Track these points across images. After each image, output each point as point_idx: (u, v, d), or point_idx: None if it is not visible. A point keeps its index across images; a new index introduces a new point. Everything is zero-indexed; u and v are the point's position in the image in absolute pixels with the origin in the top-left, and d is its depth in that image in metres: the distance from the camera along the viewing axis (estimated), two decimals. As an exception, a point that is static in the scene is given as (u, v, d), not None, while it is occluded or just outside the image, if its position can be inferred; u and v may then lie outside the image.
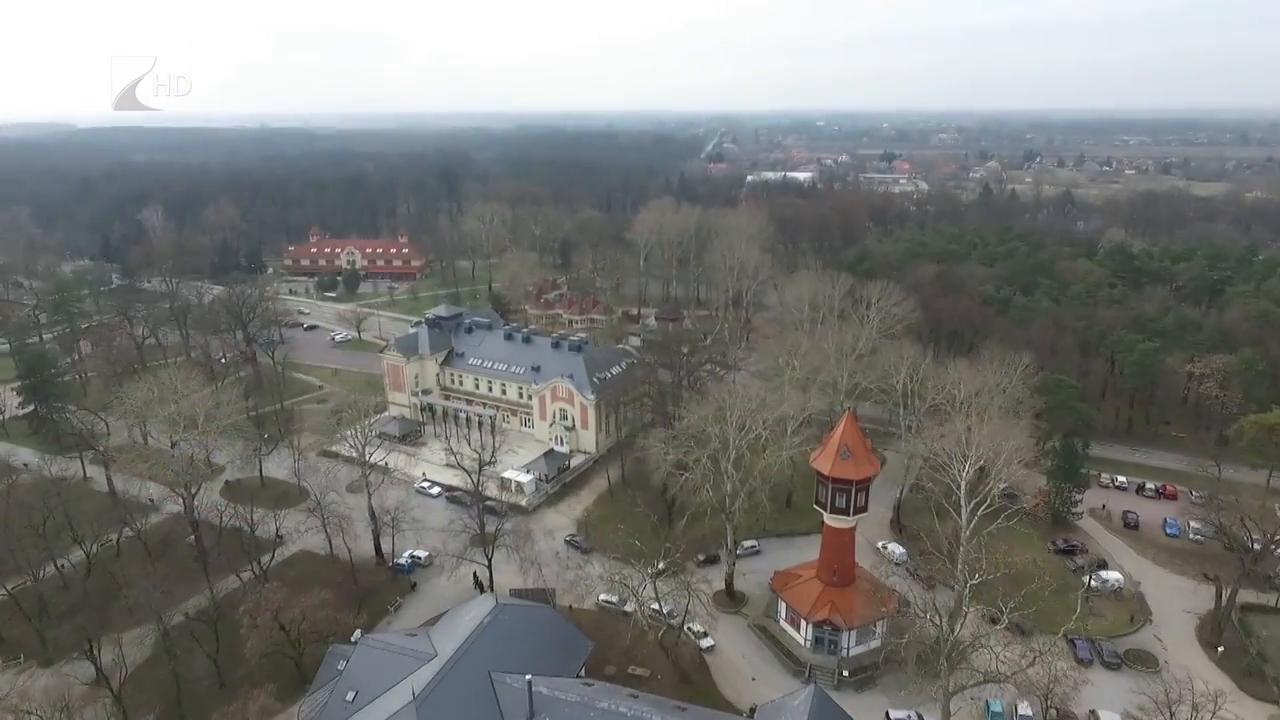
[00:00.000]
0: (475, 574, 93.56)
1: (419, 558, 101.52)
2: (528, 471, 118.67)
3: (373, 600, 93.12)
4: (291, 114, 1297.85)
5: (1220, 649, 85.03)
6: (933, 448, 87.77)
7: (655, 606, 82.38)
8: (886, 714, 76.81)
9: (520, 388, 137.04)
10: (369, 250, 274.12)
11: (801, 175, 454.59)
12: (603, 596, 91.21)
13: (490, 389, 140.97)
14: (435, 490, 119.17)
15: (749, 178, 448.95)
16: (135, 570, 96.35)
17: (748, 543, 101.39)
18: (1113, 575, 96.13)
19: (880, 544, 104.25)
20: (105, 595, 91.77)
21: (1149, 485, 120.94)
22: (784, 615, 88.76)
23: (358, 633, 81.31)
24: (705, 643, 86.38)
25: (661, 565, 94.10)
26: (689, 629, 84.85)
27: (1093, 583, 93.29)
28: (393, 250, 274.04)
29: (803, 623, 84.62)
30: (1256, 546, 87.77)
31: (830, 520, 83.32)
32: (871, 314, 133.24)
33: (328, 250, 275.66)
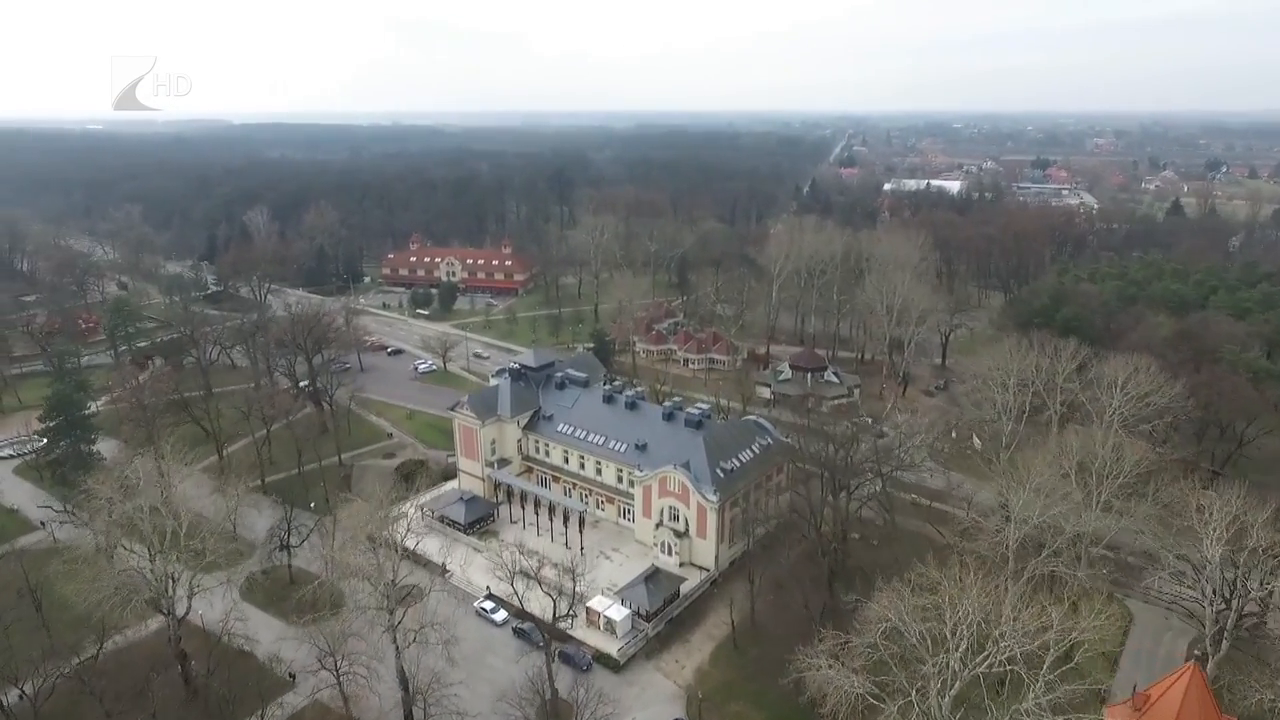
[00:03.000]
0: None
1: (462, 742, 72.08)
2: (623, 602, 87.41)
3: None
4: (425, 112, 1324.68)
5: None
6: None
7: None
8: None
9: (619, 470, 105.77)
10: (470, 261, 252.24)
11: (951, 185, 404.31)
12: None
13: (582, 466, 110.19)
14: (500, 615, 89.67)
15: (886, 186, 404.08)
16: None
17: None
18: None
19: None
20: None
21: None
22: None
23: None
24: None
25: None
26: None
27: None
28: (495, 262, 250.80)
29: None
30: None
31: (1139, 840, 47.54)
32: (1114, 403, 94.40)
33: (427, 259, 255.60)
